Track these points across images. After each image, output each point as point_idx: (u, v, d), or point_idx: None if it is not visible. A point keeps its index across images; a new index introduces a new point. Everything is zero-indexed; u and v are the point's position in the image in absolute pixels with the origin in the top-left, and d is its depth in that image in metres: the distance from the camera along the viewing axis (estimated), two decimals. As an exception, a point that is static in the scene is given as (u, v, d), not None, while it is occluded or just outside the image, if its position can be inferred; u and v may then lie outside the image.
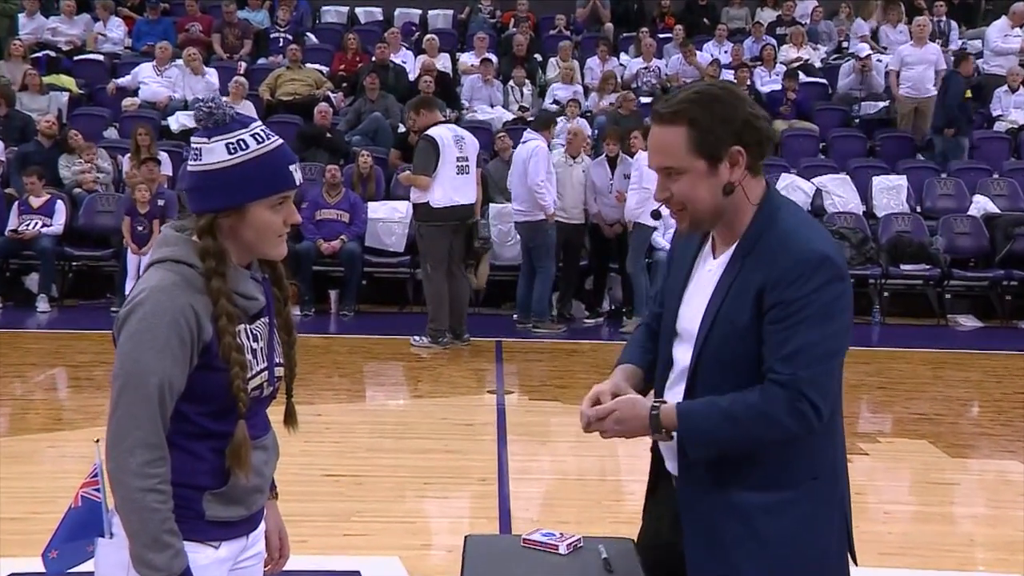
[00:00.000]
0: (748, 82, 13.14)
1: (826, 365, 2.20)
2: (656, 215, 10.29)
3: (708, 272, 2.34)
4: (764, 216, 2.28)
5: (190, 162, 2.18)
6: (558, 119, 11.32)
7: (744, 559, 2.25)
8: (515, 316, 9.85)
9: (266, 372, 2.23)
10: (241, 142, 2.13)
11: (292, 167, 2.19)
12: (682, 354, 2.36)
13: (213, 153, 2.12)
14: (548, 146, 9.54)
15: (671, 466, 2.41)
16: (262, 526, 2.36)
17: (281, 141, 2.20)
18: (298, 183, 2.21)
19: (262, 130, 2.18)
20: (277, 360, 2.28)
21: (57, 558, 2.31)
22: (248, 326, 2.20)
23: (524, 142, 9.49)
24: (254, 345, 2.20)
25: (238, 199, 2.13)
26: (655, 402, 2.28)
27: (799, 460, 2.27)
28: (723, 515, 2.27)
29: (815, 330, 2.17)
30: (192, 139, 2.20)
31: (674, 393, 2.36)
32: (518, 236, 9.94)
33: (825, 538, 2.32)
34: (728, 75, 13.26)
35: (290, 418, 2.38)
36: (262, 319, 2.24)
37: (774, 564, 2.25)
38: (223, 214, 2.13)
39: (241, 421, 2.15)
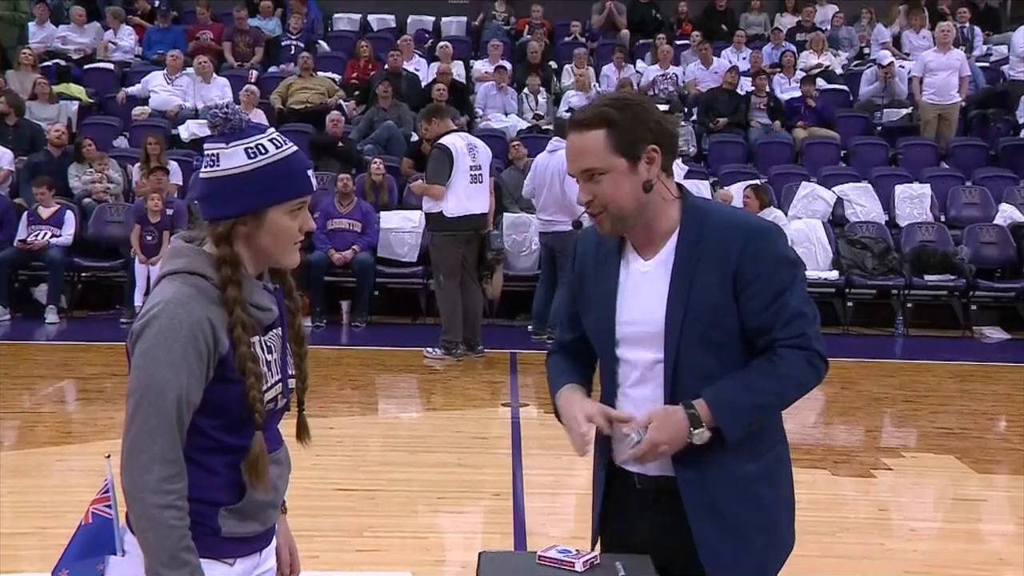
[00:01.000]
0: (767, 89, 13.02)
1: (817, 320, 2.40)
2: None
3: (644, 273, 2.42)
4: (692, 207, 2.42)
5: (204, 169, 2.17)
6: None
7: (754, 530, 2.39)
8: (530, 327, 9.74)
9: (280, 384, 2.22)
10: (260, 147, 2.13)
11: (309, 172, 2.21)
12: (640, 354, 2.42)
13: (232, 158, 2.11)
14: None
15: (641, 466, 2.44)
16: (274, 542, 2.35)
17: (296, 147, 2.21)
18: (314, 188, 2.16)
19: (278, 135, 2.18)
20: (290, 372, 2.26)
21: (67, 577, 2.27)
22: (262, 337, 2.18)
23: (552, 151, 9.27)
24: (268, 357, 2.19)
25: (258, 203, 2.12)
26: (683, 402, 2.34)
27: (772, 424, 2.46)
28: (727, 492, 2.38)
29: (798, 291, 2.37)
30: (206, 145, 2.18)
31: (641, 391, 2.43)
32: (533, 246, 9.82)
33: (794, 492, 2.53)
34: (746, 82, 13.16)
35: (303, 431, 2.35)
36: (275, 330, 2.24)
37: (775, 528, 2.44)
38: (241, 220, 2.12)
39: (258, 433, 2.13)
